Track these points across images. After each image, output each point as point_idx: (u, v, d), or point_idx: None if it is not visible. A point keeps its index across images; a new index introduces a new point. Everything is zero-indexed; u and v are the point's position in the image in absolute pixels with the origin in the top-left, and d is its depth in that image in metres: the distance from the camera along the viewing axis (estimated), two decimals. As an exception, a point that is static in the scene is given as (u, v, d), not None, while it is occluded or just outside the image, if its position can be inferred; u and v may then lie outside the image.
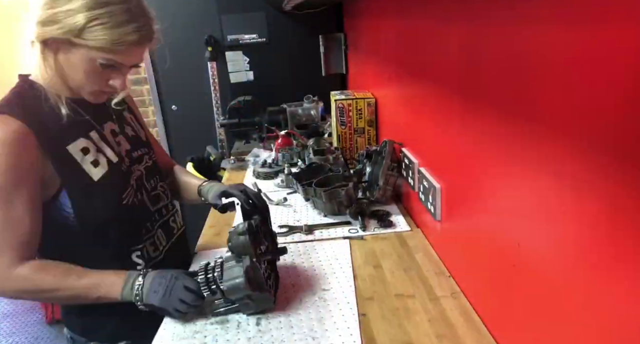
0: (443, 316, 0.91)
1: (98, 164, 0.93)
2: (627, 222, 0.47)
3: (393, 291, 1.00)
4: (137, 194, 1.00)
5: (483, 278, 0.89)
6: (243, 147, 2.28)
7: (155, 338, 0.91)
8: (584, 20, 0.51)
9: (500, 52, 0.72)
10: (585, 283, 0.55)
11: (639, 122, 0.44)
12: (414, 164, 1.25)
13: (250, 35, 2.43)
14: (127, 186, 0.98)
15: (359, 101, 1.70)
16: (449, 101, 0.98)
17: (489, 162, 0.81)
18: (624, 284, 0.48)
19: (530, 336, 0.71)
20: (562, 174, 0.58)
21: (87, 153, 0.92)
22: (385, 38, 1.53)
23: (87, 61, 0.85)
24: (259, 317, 0.94)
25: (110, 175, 0.94)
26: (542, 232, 0.65)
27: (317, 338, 0.87)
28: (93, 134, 0.96)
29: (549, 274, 0.64)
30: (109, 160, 0.96)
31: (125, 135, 1.04)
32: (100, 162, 0.94)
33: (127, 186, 0.98)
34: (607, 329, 0.52)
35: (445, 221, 1.08)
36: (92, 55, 0.84)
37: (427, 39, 1.10)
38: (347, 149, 1.78)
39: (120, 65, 0.88)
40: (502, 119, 0.73)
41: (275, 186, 1.68)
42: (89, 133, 0.95)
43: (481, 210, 0.86)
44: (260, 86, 2.49)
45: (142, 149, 1.08)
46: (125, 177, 0.99)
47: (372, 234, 1.27)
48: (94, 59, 0.84)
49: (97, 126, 0.97)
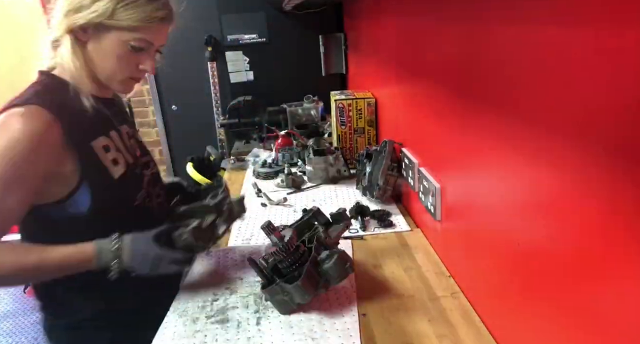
0: (443, 316, 0.91)
1: (117, 163, 0.95)
2: (628, 223, 0.47)
3: (393, 291, 1.00)
4: (147, 197, 1.02)
5: (483, 278, 0.89)
6: (243, 147, 2.28)
7: (156, 337, 0.91)
8: (583, 21, 0.51)
9: (500, 52, 0.72)
10: (585, 282, 0.55)
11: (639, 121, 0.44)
12: (414, 164, 1.25)
13: (250, 35, 2.44)
14: (140, 188, 0.99)
15: (359, 100, 1.70)
16: (449, 101, 0.98)
17: (489, 162, 0.81)
18: (626, 284, 0.48)
19: (530, 336, 0.71)
20: (563, 174, 0.58)
21: (108, 151, 0.93)
22: (385, 38, 1.53)
23: (119, 45, 0.88)
24: (259, 317, 0.94)
25: (127, 175, 0.96)
26: (542, 232, 0.64)
27: (316, 338, 0.87)
28: (113, 134, 0.97)
29: (548, 274, 0.63)
30: (126, 160, 0.98)
31: (136, 139, 1.07)
32: (119, 161, 0.95)
33: (140, 188, 1.00)
34: (608, 329, 0.52)
35: (445, 221, 1.08)
36: (124, 37, 0.87)
37: (427, 38, 1.10)
38: (347, 149, 1.78)
39: (149, 45, 0.92)
40: (502, 118, 0.73)
41: (275, 186, 1.68)
42: (110, 132, 0.96)
43: (481, 210, 0.86)
44: (260, 85, 2.49)
45: (148, 156, 1.10)
46: (139, 180, 1.01)
47: (372, 234, 1.27)
48: (126, 42, 0.88)
49: (117, 126, 0.99)
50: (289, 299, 0.91)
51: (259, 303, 0.98)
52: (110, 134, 0.96)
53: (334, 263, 0.91)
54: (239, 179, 1.82)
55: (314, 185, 1.66)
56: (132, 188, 0.98)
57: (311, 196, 1.58)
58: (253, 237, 1.30)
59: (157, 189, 1.09)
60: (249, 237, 1.30)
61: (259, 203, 1.53)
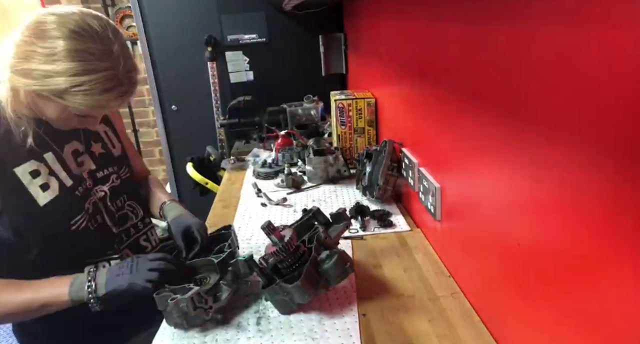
0: (443, 316, 0.91)
1: (48, 187, 0.89)
2: (627, 222, 0.47)
3: (393, 291, 1.00)
4: (93, 218, 0.96)
5: (483, 278, 0.89)
6: (243, 147, 2.28)
7: (156, 338, 0.91)
8: (580, 21, 0.51)
9: (500, 53, 0.72)
10: (585, 283, 0.55)
11: (638, 121, 0.44)
12: (414, 164, 1.25)
13: (250, 35, 2.43)
14: (80, 211, 0.93)
15: (358, 100, 1.70)
16: (449, 101, 0.98)
17: (489, 162, 0.81)
18: (625, 283, 0.48)
19: (530, 336, 0.71)
20: (562, 175, 0.58)
21: (37, 176, 0.88)
22: (385, 38, 1.53)
23: (63, 110, 0.82)
24: (259, 317, 0.94)
25: (60, 199, 0.90)
26: (542, 233, 0.64)
27: (316, 338, 0.87)
28: (48, 156, 0.91)
29: (548, 274, 0.64)
30: (61, 184, 0.91)
31: (90, 154, 1.00)
32: (50, 186, 0.89)
33: (79, 210, 0.93)
34: (607, 328, 0.52)
35: (445, 221, 1.08)
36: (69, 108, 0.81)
37: (427, 39, 1.10)
38: (347, 149, 1.78)
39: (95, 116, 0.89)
40: (502, 119, 0.73)
41: (275, 186, 1.68)
42: (44, 155, 0.90)
43: (481, 210, 0.86)
44: (260, 85, 2.48)
45: (111, 168, 1.03)
46: (79, 202, 0.94)
47: (372, 234, 1.27)
48: (71, 111, 0.82)
49: (56, 147, 0.92)
50: (289, 299, 0.91)
51: (259, 303, 0.98)
52: (43, 157, 0.90)
53: (334, 263, 0.91)
54: (239, 179, 1.82)
55: (314, 185, 1.66)
56: (66, 213, 0.91)
57: (311, 196, 1.58)
58: (253, 237, 1.30)
59: (119, 202, 1.03)
60: (249, 238, 1.30)
61: (259, 203, 1.53)
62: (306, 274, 0.88)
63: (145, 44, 2.47)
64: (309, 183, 1.68)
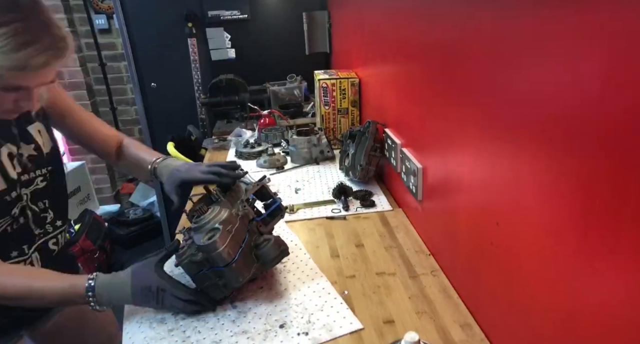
0: (423, 293, 0.93)
1: None
2: (602, 203, 0.48)
3: (374, 269, 1.02)
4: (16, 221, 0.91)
5: (462, 256, 0.91)
6: (225, 126, 2.25)
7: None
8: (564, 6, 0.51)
9: (484, 37, 0.72)
10: (558, 261, 0.57)
11: (614, 107, 0.45)
12: (397, 144, 1.26)
13: (232, 11, 2.37)
14: (4, 216, 0.88)
15: (342, 80, 1.69)
16: (432, 83, 0.98)
17: (470, 143, 0.82)
18: (597, 265, 0.50)
19: (505, 311, 0.74)
20: (541, 156, 0.59)
21: None
22: (370, 17, 1.51)
23: None
24: (231, 300, 0.93)
25: None
26: (520, 212, 0.66)
27: (312, 321, 0.88)
28: None
29: (524, 252, 0.66)
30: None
31: (19, 157, 0.92)
32: None
33: (6, 213, 0.88)
34: (577, 309, 0.54)
35: (426, 201, 1.10)
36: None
37: (412, 20, 1.09)
38: (331, 129, 1.77)
39: (26, 87, 0.78)
40: (483, 101, 0.74)
41: (258, 166, 1.67)
42: None
43: (461, 190, 0.88)
44: (242, 64, 2.44)
45: (39, 170, 0.95)
46: (7, 207, 0.88)
47: (355, 214, 1.29)
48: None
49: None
50: (222, 284, 0.88)
51: None
52: None
53: (271, 246, 0.91)
54: (221, 159, 1.80)
55: (297, 165, 1.66)
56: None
57: (294, 176, 1.58)
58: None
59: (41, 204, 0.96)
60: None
61: (242, 183, 1.52)
62: (242, 254, 0.87)
63: (122, 18, 2.35)
64: (292, 164, 1.68)
